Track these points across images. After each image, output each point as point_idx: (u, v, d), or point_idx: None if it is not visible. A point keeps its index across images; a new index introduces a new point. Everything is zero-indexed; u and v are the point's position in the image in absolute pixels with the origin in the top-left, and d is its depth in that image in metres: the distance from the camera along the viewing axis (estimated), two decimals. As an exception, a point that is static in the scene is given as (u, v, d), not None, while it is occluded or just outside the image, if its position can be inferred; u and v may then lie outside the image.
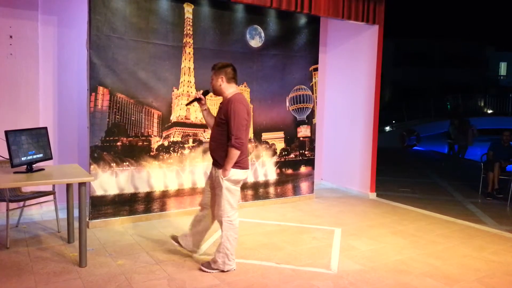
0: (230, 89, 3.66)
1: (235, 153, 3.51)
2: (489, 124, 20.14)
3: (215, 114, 3.86)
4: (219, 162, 3.64)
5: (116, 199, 5.08)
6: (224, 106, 3.61)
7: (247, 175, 3.78)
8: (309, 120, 6.58)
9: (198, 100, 3.88)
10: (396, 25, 19.63)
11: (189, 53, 5.44)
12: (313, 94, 6.57)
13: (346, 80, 7.17)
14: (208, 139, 5.59)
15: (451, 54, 28.00)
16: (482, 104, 22.42)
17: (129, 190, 5.16)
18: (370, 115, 6.77)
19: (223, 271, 3.70)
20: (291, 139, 6.39)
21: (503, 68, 31.83)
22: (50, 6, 5.18)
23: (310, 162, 6.61)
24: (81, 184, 3.72)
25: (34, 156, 4.00)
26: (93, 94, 4.83)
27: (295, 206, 6.11)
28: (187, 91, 5.48)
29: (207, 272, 3.70)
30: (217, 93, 3.72)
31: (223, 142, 3.60)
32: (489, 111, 22.05)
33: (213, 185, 3.75)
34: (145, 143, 5.24)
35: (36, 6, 5.04)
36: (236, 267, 3.78)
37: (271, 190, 6.28)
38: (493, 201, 7.30)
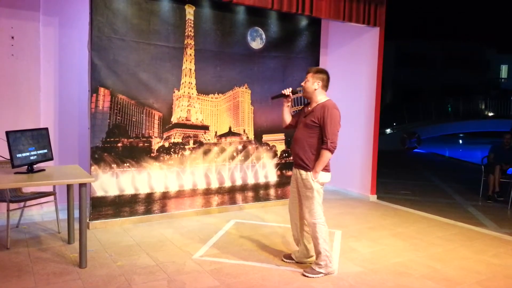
0: (322, 95, 3.80)
1: (328, 157, 3.65)
2: (490, 126, 20.14)
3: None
4: (307, 164, 3.71)
5: (116, 200, 5.08)
6: (317, 111, 3.70)
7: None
8: (310, 122, 6.57)
9: (285, 96, 4.00)
10: (397, 27, 19.65)
11: (190, 54, 5.45)
12: (314, 96, 6.55)
13: (347, 82, 7.16)
14: (209, 141, 5.66)
15: (452, 57, 28.04)
16: (483, 106, 22.41)
17: (129, 191, 5.16)
18: (370, 117, 6.77)
19: (326, 274, 3.74)
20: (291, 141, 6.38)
21: (504, 70, 31.86)
22: (52, 7, 5.19)
23: (311, 164, 6.61)
24: (81, 185, 3.72)
25: (35, 157, 4.00)
26: (94, 95, 4.84)
27: (296, 208, 6.10)
28: (188, 93, 5.48)
29: (311, 277, 3.71)
30: (308, 95, 3.82)
31: (312, 144, 3.71)
32: (490, 114, 22.04)
33: (299, 188, 3.81)
34: (145, 144, 5.24)
35: (37, 7, 5.06)
36: (336, 271, 3.84)
37: (272, 191, 6.28)
38: (494, 204, 7.29)
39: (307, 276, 3.72)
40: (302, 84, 3.85)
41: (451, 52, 28.01)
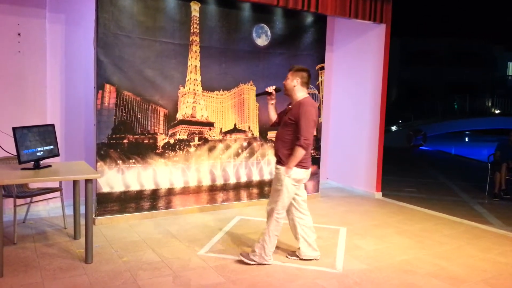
0: (301, 92, 3.83)
1: (301, 153, 3.68)
2: (496, 124, 20.01)
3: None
4: (282, 160, 3.78)
5: (122, 196, 5.10)
6: (294, 108, 3.76)
7: (308, 175, 3.89)
8: (315, 119, 6.55)
9: (268, 94, 4.04)
10: (403, 24, 19.52)
11: (196, 51, 5.45)
12: (319, 93, 6.55)
13: (353, 79, 7.14)
14: (214, 138, 5.66)
15: (459, 54, 27.82)
16: (490, 104, 22.27)
17: (135, 187, 5.18)
18: (376, 114, 6.74)
19: (260, 264, 3.83)
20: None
21: (511, 68, 31.57)
22: (58, 4, 5.21)
23: (316, 161, 6.59)
24: (87, 181, 3.74)
25: (41, 153, 4.02)
26: (100, 91, 4.86)
27: (301, 205, 6.10)
28: (193, 89, 5.49)
29: (245, 262, 3.84)
30: (288, 92, 3.87)
31: (289, 141, 3.75)
32: (497, 111, 21.90)
33: (273, 181, 3.91)
34: (151, 141, 5.25)
35: (44, 4, 5.07)
36: (272, 263, 3.90)
37: (277, 188, 6.27)
38: (500, 201, 7.26)
39: (242, 260, 3.86)
40: (284, 82, 3.90)
41: (457, 49, 27.80)
